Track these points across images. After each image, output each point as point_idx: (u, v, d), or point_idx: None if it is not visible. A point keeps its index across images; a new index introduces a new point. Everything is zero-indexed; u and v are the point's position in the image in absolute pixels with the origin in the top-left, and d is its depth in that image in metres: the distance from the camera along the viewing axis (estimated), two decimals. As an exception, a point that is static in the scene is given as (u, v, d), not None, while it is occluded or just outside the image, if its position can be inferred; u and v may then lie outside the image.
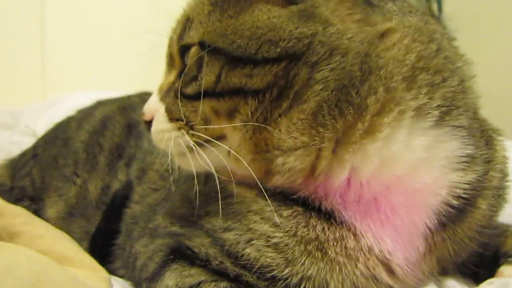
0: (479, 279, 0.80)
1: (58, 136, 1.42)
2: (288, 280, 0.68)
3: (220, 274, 0.73)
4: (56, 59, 2.69)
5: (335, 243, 0.68)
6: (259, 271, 0.69)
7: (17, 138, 2.08)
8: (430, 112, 0.67)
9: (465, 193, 0.71)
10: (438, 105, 0.68)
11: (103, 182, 1.21)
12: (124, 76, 2.58)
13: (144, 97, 1.42)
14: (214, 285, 0.71)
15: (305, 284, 0.68)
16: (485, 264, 0.82)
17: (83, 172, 1.26)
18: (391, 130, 0.66)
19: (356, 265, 0.68)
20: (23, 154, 1.51)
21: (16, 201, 1.24)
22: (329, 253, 0.68)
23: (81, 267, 0.84)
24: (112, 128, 1.32)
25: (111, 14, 2.73)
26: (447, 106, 0.69)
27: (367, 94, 0.65)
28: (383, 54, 0.66)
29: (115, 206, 1.07)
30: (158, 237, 0.83)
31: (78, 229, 1.18)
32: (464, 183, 0.71)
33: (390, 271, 0.70)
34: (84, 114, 1.45)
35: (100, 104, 1.50)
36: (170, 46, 0.81)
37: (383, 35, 0.67)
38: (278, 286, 0.69)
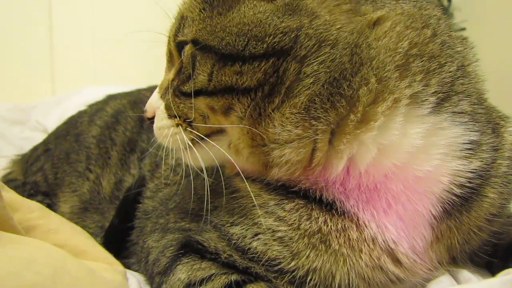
0: (493, 269, 0.80)
1: (69, 131, 1.43)
2: (295, 272, 0.70)
3: (229, 266, 0.75)
4: (65, 54, 2.71)
5: (338, 235, 0.69)
6: (266, 263, 0.71)
7: (28, 133, 2.11)
8: (426, 99, 0.66)
9: (469, 182, 0.70)
10: (435, 91, 0.67)
11: (115, 177, 1.22)
12: (133, 71, 2.60)
13: (154, 91, 1.43)
14: (225, 278, 0.73)
15: (312, 276, 0.69)
16: (499, 254, 0.81)
17: (96, 167, 1.27)
18: (386, 119, 0.65)
19: (360, 256, 0.69)
20: (34, 149, 1.52)
21: (29, 196, 1.23)
22: (333, 245, 0.69)
23: (96, 261, 0.86)
24: (124, 122, 1.33)
25: (120, 9, 2.73)
26: (445, 92, 0.68)
27: (359, 86, 0.64)
28: (374, 44, 0.65)
29: (128, 202, 1.09)
30: (169, 232, 0.85)
31: (93, 224, 1.20)
32: (468, 172, 0.70)
33: (396, 260, 0.71)
34: (95, 109, 1.46)
35: (110, 98, 1.51)
36: (168, 43, 0.81)
37: (374, 24, 0.66)
38: (285, 278, 0.71)
